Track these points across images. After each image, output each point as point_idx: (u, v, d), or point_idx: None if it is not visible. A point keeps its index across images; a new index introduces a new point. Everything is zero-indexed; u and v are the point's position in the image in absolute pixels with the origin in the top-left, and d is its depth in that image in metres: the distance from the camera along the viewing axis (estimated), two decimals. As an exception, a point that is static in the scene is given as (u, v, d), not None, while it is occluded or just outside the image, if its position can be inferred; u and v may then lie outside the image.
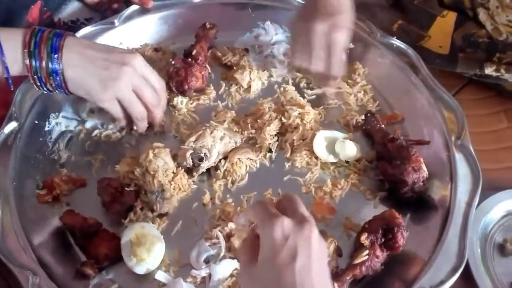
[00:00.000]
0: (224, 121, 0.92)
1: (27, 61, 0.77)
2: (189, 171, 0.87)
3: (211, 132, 0.87)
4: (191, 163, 0.85)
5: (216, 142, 0.87)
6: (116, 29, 1.04)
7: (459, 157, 0.86)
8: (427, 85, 0.95)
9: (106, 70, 0.80)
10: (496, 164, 0.92)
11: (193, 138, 0.86)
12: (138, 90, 0.83)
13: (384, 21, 1.08)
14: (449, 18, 1.07)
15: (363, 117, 0.94)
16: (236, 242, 0.76)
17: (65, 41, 0.79)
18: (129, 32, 1.05)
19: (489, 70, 0.98)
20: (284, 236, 0.56)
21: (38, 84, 0.80)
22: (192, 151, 0.85)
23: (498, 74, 0.97)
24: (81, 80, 0.80)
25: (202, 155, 0.85)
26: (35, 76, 0.79)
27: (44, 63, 0.78)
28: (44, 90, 0.82)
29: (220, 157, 0.88)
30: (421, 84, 0.96)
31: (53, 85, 0.80)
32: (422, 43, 1.06)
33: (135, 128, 0.89)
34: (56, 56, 0.78)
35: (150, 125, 0.91)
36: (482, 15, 1.02)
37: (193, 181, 0.86)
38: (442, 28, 1.06)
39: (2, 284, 0.77)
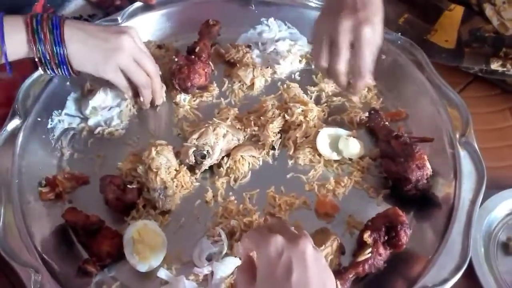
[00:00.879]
0: (227, 118, 0.92)
1: (31, 39, 0.79)
2: (192, 169, 0.87)
3: (214, 130, 0.87)
4: (194, 161, 0.85)
5: (219, 139, 0.86)
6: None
7: (463, 154, 0.85)
8: (432, 82, 0.94)
9: (107, 41, 0.82)
10: (501, 162, 0.91)
11: (195, 136, 0.86)
12: (138, 59, 0.86)
13: (391, 14, 1.07)
14: (456, 12, 1.06)
15: (367, 114, 0.93)
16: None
17: (65, 20, 0.82)
18: (132, 29, 1.05)
19: (495, 65, 0.97)
20: (278, 253, 0.56)
21: (43, 62, 0.81)
22: (194, 149, 0.85)
23: (504, 69, 0.96)
24: (84, 54, 0.82)
25: (205, 152, 0.85)
26: (40, 55, 0.80)
27: (47, 40, 0.79)
28: (48, 69, 0.83)
29: (223, 155, 0.88)
30: (426, 81, 0.95)
31: (57, 61, 0.81)
32: (429, 37, 1.05)
33: (141, 99, 0.92)
34: (57, 31, 0.80)
35: (152, 101, 0.94)
36: (488, 10, 1.01)
37: (195, 179, 0.86)
38: (449, 22, 1.05)
39: (4, 282, 0.77)
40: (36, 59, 0.81)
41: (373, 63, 0.84)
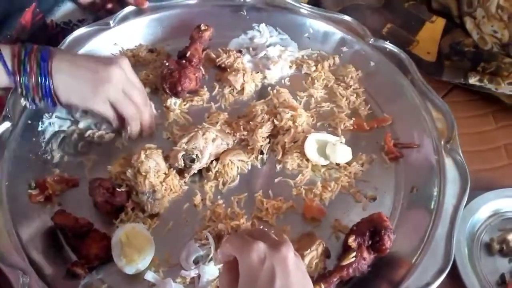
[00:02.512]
0: (217, 122, 0.93)
1: (16, 71, 0.77)
2: (181, 172, 0.87)
3: (203, 134, 0.87)
4: (183, 164, 0.86)
5: (208, 143, 0.87)
6: (111, 30, 1.05)
7: (448, 161, 0.86)
8: (418, 88, 0.96)
9: (96, 73, 0.80)
10: (484, 165, 0.93)
11: (185, 140, 0.87)
12: (126, 90, 0.84)
13: (374, 24, 1.10)
14: (437, 24, 1.08)
15: (351, 121, 0.95)
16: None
17: (55, 53, 0.80)
18: (124, 33, 1.06)
19: (473, 80, 1.00)
20: (260, 259, 0.57)
21: (25, 94, 0.80)
22: (184, 153, 0.86)
23: (482, 84, 0.99)
24: (72, 86, 0.81)
25: (194, 156, 0.86)
26: (22, 87, 0.79)
27: (33, 73, 0.78)
28: (28, 101, 0.81)
29: (212, 159, 0.89)
30: (412, 88, 0.96)
31: (41, 94, 0.80)
32: (411, 48, 1.07)
33: (128, 131, 0.90)
34: (45, 64, 0.78)
35: (141, 130, 0.91)
36: (469, 24, 1.03)
37: (184, 182, 0.87)
38: (430, 34, 1.07)
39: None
40: (18, 91, 0.80)
41: None
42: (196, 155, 0.86)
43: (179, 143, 0.87)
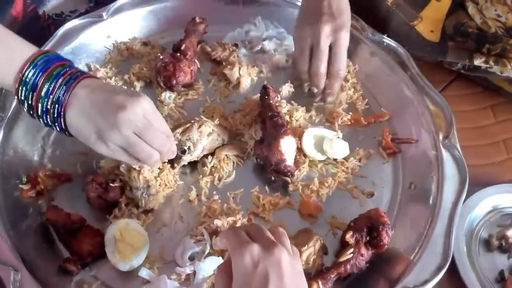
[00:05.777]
0: (213, 116, 0.91)
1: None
2: (171, 163, 0.85)
3: (199, 127, 0.86)
4: None
5: (203, 137, 0.86)
6: (104, 22, 1.03)
7: (446, 156, 0.85)
8: (416, 83, 0.95)
9: (103, 119, 0.70)
10: (483, 160, 0.93)
11: (179, 130, 0.85)
12: (141, 134, 0.72)
13: None
14: (443, 4, 1.06)
15: (348, 116, 0.94)
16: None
17: (81, 81, 0.72)
18: (117, 25, 1.04)
19: (478, 61, 0.97)
20: (254, 263, 0.56)
21: (40, 114, 0.73)
22: (176, 143, 0.84)
23: (487, 65, 0.97)
24: (78, 129, 0.73)
25: (186, 148, 0.84)
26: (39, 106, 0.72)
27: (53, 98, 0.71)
28: (32, 115, 0.75)
29: (205, 153, 0.87)
30: (410, 82, 0.95)
31: (51, 119, 0.73)
32: (415, 23, 1.04)
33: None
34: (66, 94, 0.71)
35: None
36: (471, 8, 1.01)
37: (176, 176, 0.85)
38: (435, 13, 1.05)
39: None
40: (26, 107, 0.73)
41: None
42: (188, 147, 0.84)
43: (173, 133, 0.84)
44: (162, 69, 0.94)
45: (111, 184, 0.81)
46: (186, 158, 0.85)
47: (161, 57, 0.95)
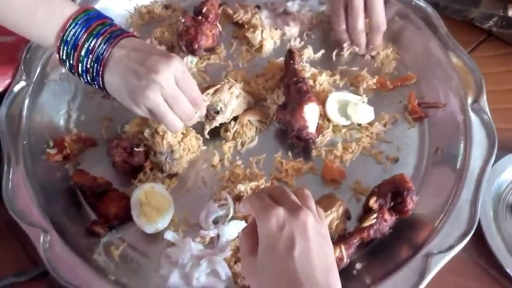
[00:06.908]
0: (236, 80, 0.90)
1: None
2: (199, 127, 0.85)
3: (229, 88, 0.85)
4: (205, 116, 0.84)
5: (233, 98, 0.85)
6: (125, -15, 1.02)
7: (475, 120, 0.83)
8: (445, 44, 0.91)
9: (137, 79, 0.70)
10: (511, 124, 0.89)
11: (211, 91, 0.84)
12: (169, 101, 0.72)
13: None
14: None
15: (374, 80, 0.92)
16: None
17: (121, 40, 0.72)
18: (138, -12, 1.03)
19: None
20: (280, 226, 0.56)
21: (80, 70, 0.73)
22: (208, 103, 0.84)
23: None
24: (114, 89, 0.73)
25: (218, 108, 0.84)
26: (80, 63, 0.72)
27: (94, 54, 0.71)
28: (71, 71, 0.75)
29: (234, 115, 0.87)
30: (439, 44, 0.92)
31: (90, 78, 0.73)
32: None
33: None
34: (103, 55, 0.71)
35: None
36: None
37: (201, 139, 0.86)
38: None
39: (14, 244, 0.79)
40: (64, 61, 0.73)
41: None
42: (220, 107, 0.84)
43: (204, 93, 0.83)
44: (184, 33, 0.93)
45: (135, 149, 0.82)
46: (219, 119, 0.84)
47: (182, 20, 0.94)
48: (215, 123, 0.85)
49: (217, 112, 0.84)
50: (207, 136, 0.86)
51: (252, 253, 0.59)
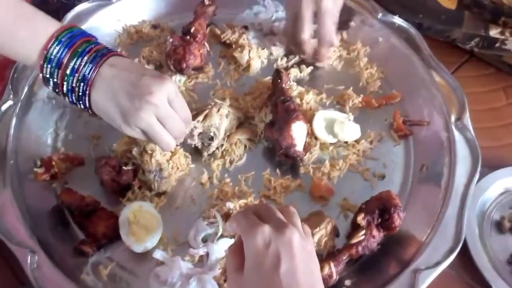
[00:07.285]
0: (224, 99, 0.91)
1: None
2: (196, 151, 0.86)
3: (218, 110, 0.86)
4: (200, 143, 0.85)
5: (223, 119, 0.86)
6: (113, 6, 1.03)
7: (459, 138, 0.85)
8: (428, 64, 0.94)
9: (129, 100, 0.70)
10: (495, 142, 0.92)
11: (200, 118, 0.85)
12: (163, 121, 0.72)
13: None
14: None
15: (359, 98, 0.93)
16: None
17: (108, 58, 0.72)
18: (126, 8, 1.04)
19: (493, 32, 0.97)
20: (266, 243, 0.56)
21: (66, 90, 0.72)
22: (201, 131, 0.84)
23: (503, 37, 0.96)
24: (103, 110, 0.72)
25: (212, 134, 0.84)
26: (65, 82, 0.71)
27: (79, 74, 0.71)
28: (55, 91, 0.74)
29: (228, 134, 0.87)
30: (421, 64, 0.94)
31: (76, 97, 0.72)
32: None
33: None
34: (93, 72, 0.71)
35: None
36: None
37: (190, 160, 0.86)
38: None
39: (2, 264, 0.77)
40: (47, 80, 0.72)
41: (335, 29, 0.95)
42: (214, 132, 0.84)
43: (194, 121, 0.84)
44: (172, 52, 0.94)
45: (124, 167, 0.81)
46: (215, 144, 0.85)
47: (170, 40, 0.95)
48: (212, 149, 0.86)
49: (211, 139, 0.85)
50: (205, 159, 0.87)
51: (238, 271, 0.58)
